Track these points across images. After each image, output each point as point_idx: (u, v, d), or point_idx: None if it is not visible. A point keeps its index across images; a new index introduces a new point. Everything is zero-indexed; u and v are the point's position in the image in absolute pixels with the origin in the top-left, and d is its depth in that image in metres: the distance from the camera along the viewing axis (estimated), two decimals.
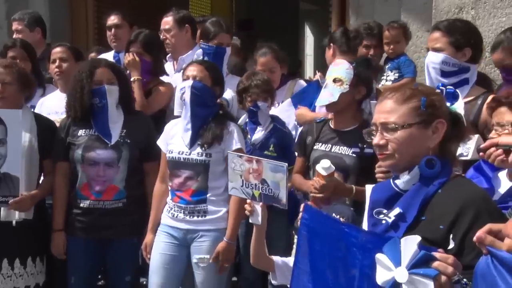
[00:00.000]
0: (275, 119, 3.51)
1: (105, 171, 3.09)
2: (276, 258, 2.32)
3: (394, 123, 1.74)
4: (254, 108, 3.40)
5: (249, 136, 3.43)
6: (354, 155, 2.84)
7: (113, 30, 4.40)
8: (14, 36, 4.52)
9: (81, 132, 3.15)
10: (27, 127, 3.14)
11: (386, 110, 1.77)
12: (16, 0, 6.10)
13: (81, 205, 3.11)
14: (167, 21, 4.07)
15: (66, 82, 3.64)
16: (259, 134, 3.43)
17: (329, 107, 2.94)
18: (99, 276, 3.57)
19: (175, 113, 3.71)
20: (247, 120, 3.50)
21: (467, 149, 2.42)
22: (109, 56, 4.24)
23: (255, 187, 2.30)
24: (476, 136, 2.45)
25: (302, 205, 1.84)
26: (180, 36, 4.02)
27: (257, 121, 3.44)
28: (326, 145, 2.95)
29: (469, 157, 2.41)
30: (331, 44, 3.76)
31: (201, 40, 3.82)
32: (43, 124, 3.22)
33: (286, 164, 2.23)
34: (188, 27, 4.04)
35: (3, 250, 3.07)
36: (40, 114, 3.43)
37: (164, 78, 3.93)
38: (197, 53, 3.78)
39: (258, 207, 2.28)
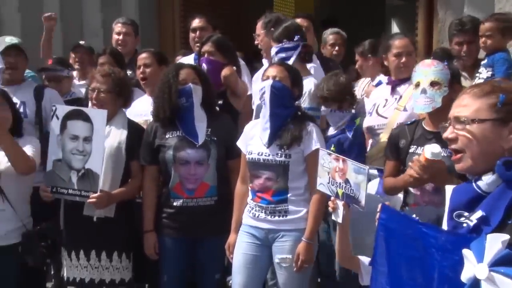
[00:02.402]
0: (348, 122, 3.46)
1: (196, 169, 3.18)
2: (363, 259, 2.30)
3: (466, 117, 1.68)
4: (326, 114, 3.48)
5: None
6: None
7: (197, 32, 4.53)
8: (120, 37, 4.79)
9: (169, 134, 3.25)
10: (119, 129, 3.32)
11: (462, 104, 1.72)
12: (110, 9, 6.49)
13: (174, 204, 3.21)
14: (257, 26, 4.16)
15: (151, 87, 3.79)
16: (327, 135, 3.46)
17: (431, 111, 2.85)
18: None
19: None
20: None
21: None
22: (189, 59, 4.35)
23: (339, 185, 2.34)
24: None
25: (379, 205, 1.81)
26: (266, 40, 4.06)
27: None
28: (422, 147, 2.84)
29: None
30: (369, 56, 4.23)
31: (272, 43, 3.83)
32: (132, 128, 3.38)
33: (367, 167, 2.24)
34: (273, 31, 4.08)
35: (91, 242, 3.26)
36: (130, 118, 3.57)
37: None
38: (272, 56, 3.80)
39: (341, 205, 2.29)
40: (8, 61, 3.54)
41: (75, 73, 4.96)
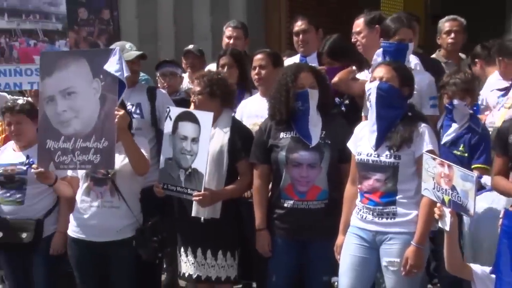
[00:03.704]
0: (472, 118, 3.42)
1: (308, 172, 3.18)
2: (475, 267, 2.18)
3: None
4: (449, 105, 3.42)
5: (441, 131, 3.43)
6: None
7: (300, 35, 4.49)
8: (231, 42, 4.89)
9: (282, 134, 3.27)
10: (222, 132, 3.40)
11: None
12: (219, 13, 6.69)
13: (285, 205, 3.23)
14: (358, 23, 4.07)
15: (265, 88, 3.80)
16: (451, 133, 3.40)
17: None
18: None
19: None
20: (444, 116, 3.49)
21: None
22: (295, 59, 4.32)
23: (445, 192, 2.27)
24: None
25: (502, 211, 1.69)
26: (370, 37, 3.96)
27: (452, 118, 3.42)
28: None
29: None
30: (476, 60, 4.26)
31: (382, 39, 3.72)
32: (236, 129, 3.43)
33: (476, 174, 2.17)
34: (378, 28, 3.97)
35: (198, 240, 3.37)
36: (235, 119, 3.62)
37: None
38: (377, 53, 3.69)
39: (448, 213, 2.19)
40: (133, 69, 3.77)
41: (186, 76, 5.16)
